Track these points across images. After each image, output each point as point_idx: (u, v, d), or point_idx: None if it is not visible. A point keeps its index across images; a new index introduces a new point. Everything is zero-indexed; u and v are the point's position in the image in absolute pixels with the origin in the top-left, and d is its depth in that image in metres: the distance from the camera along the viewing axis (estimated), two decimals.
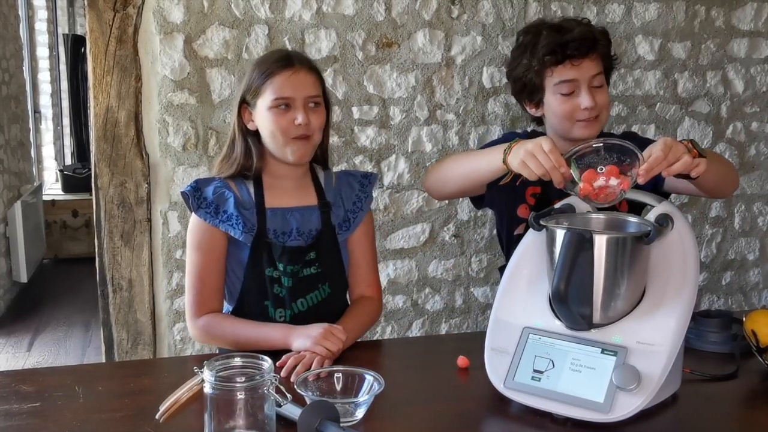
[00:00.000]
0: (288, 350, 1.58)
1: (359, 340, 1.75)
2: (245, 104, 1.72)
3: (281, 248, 1.69)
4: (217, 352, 1.80)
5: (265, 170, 1.74)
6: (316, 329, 1.59)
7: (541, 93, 1.84)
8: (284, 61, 1.69)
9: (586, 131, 1.82)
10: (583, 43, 1.76)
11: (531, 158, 1.46)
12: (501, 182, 1.65)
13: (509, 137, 2.03)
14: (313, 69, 1.72)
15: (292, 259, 1.70)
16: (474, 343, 1.60)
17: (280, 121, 1.66)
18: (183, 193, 1.74)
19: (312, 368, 1.50)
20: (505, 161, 1.56)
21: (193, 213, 1.71)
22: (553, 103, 1.82)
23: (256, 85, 1.68)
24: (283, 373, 1.50)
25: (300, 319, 1.69)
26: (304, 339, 1.57)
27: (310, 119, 1.67)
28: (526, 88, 1.87)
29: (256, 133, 1.72)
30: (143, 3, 2.48)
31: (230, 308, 1.78)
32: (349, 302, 1.85)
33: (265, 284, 1.71)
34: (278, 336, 1.62)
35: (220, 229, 1.68)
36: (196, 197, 1.70)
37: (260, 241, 1.69)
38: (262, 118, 1.69)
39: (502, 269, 2.07)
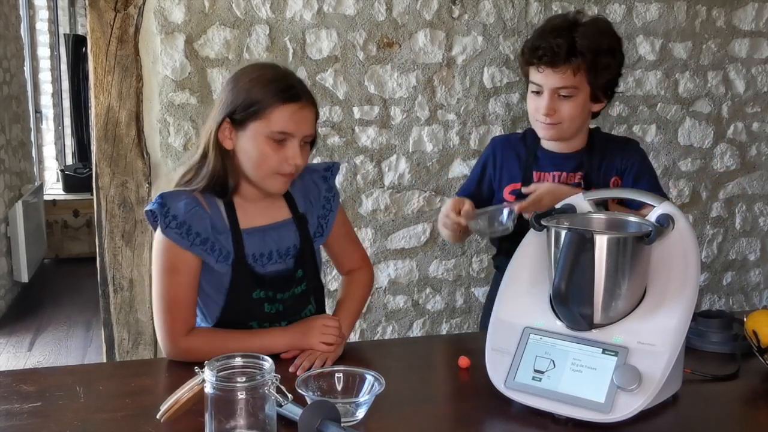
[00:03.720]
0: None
1: (359, 340, 1.75)
2: (228, 120, 1.55)
3: (270, 278, 1.61)
4: None
5: (236, 190, 1.60)
6: (308, 326, 1.59)
7: (526, 81, 1.94)
8: (290, 91, 1.55)
9: (542, 132, 1.92)
10: (550, 54, 1.80)
11: (443, 225, 1.86)
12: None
13: (497, 142, 2.11)
14: (314, 105, 1.61)
15: (284, 286, 1.63)
16: (475, 343, 1.60)
17: (273, 155, 1.53)
18: (148, 212, 1.56)
19: (314, 366, 1.51)
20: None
21: (159, 231, 1.54)
22: (528, 95, 1.93)
23: (255, 108, 1.52)
24: (291, 369, 1.51)
25: None
26: (301, 336, 1.58)
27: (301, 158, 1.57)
28: (522, 71, 1.99)
29: (229, 151, 1.57)
30: (144, 3, 2.48)
31: (205, 326, 1.66)
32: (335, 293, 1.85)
33: (252, 306, 1.61)
34: (276, 342, 1.57)
35: (193, 253, 1.54)
36: (164, 214, 1.53)
37: (240, 269, 1.58)
38: (251, 143, 1.54)
39: (495, 258, 2.10)
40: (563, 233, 1.35)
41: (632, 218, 1.47)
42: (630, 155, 1.96)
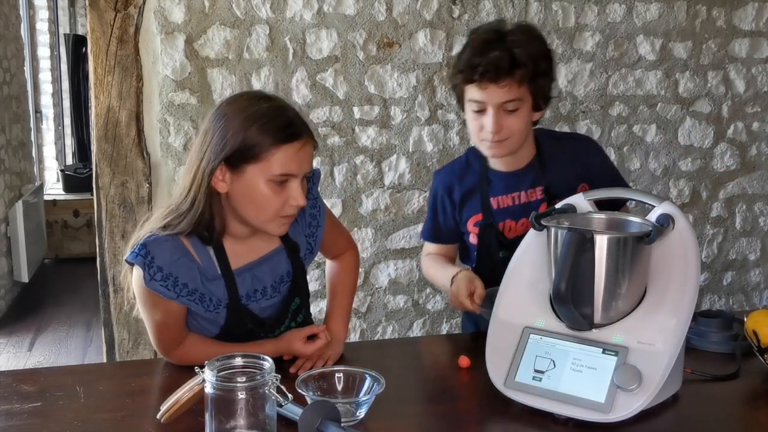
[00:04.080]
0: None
1: (359, 339, 1.75)
2: (224, 164, 1.43)
3: (266, 317, 1.57)
4: None
5: (224, 232, 1.50)
6: (291, 338, 1.56)
7: (462, 101, 1.82)
8: (289, 130, 1.43)
9: (490, 152, 1.81)
10: (493, 69, 1.70)
11: (453, 299, 1.78)
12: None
13: (442, 177, 1.96)
14: (313, 138, 1.49)
15: (279, 322, 1.60)
16: (475, 343, 1.60)
17: (275, 198, 1.44)
18: (129, 261, 1.46)
19: (315, 366, 1.52)
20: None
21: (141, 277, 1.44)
22: (468, 115, 1.82)
23: (255, 152, 1.40)
24: (291, 370, 1.52)
25: None
26: (286, 348, 1.56)
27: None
28: (455, 92, 1.86)
29: (217, 193, 1.46)
30: (144, 3, 2.48)
31: None
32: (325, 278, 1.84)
33: (248, 335, 1.56)
34: (264, 350, 1.49)
35: (179, 303, 1.46)
36: (148, 265, 1.42)
37: (236, 311, 1.52)
38: (249, 187, 1.43)
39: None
40: (563, 233, 1.35)
41: (632, 218, 1.47)
42: (589, 157, 1.90)
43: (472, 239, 1.90)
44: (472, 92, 1.76)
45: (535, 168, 1.86)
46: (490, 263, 1.87)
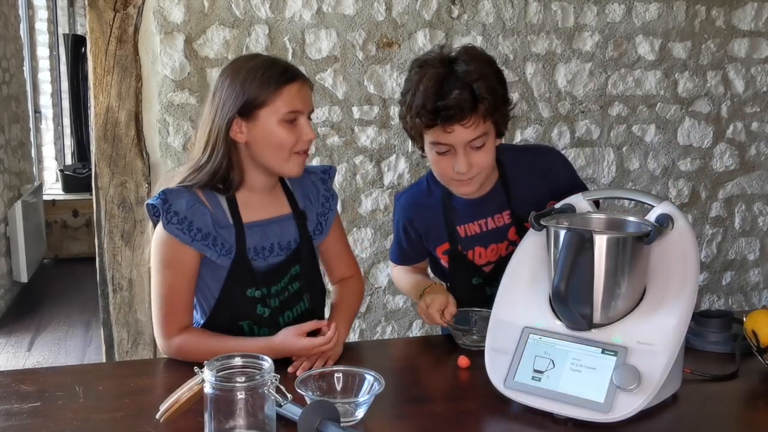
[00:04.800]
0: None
1: (359, 339, 1.75)
2: (238, 117, 1.58)
3: (264, 271, 1.62)
4: None
5: (241, 184, 1.63)
6: (292, 338, 1.54)
7: (419, 141, 1.73)
8: (289, 73, 1.59)
9: (461, 190, 1.74)
10: (457, 111, 1.60)
11: (421, 310, 1.74)
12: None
13: (404, 205, 1.89)
14: (309, 81, 1.64)
15: (276, 278, 1.64)
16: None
17: (290, 135, 1.57)
18: (149, 205, 1.58)
19: (315, 366, 1.51)
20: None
21: (159, 227, 1.56)
22: (430, 158, 1.73)
23: (263, 98, 1.55)
24: (290, 370, 1.51)
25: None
26: (281, 350, 1.53)
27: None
28: (408, 131, 1.75)
29: (235, 146, 1.60)
30: (144, 3, 2.48)
31: (201, 321, 1.67)
32: (328, 297, 1.85)
33: (245, 306, 1.62)
34: (262, 351, 1.51)
35: (194, 248, 1.56)
36: (165, 210, 1.55)
37: (240, 263, 1.60)
38: (266, 130, 1.57)
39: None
40: (563, 233, 1.35)
41: (632, 218, 1.47)
42: (552, 171, 1.82)
43: (444, 263, 1.87)
44: (435, 135, 1.66)
45: (499, 192, 1.80)
46: (464, 287, 1.85)
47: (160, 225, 1.56)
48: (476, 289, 1.84)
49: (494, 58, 1.75)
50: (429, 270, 2.01)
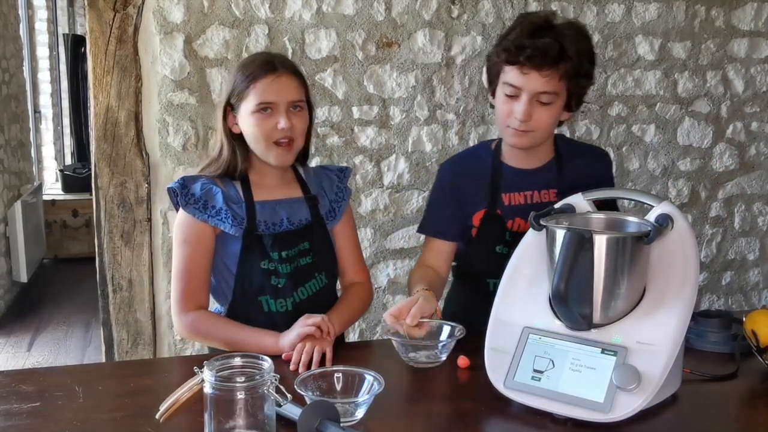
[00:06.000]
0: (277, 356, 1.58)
1: (359, 339, 1.75)
2: (230, 108, 1.72)
3: (273, 237, 1.70)
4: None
5: (250, 170, 1.75)
6: (292, 328, 1.62)
7: (495, 82, 1.77)
8: (267, 65, 1.68)
9: (512, 140, 1.75)
10: (539, 55, 1.64)
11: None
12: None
13: (452, 168, 1.90)
14: (296, 73, 1.72)
15: (285, 245, 1.71)
16: (474, 343, 1.59)
17: (263, 126, 1.67)
18: (170, 189, 1.73)
19: (313, 359, 1.53)
20: None
21: (180, 209, 1.71)
22: (498, 99, 1.76)
23: (239, 90, 1.68)
24: (291, 367, 1.53)
25: (301, 310, 1.69)
26: (288, 333, 1.60)
27: (293, 123, 1.67)
28: (489, 72, 1.80)
29: (240, 136, 1.72)
30: (143, 3, 2.48)
31: (222, 310, 1.76)
32: (338, 293, 1.86)
33: (260, 277, 1.70)
34: (269, 341, 1.61)
35: (209, 223, 1.68)
36: (183, 194, 1.70)
37: (251, 234, 1.69)
38: (245, 122, 1.69)
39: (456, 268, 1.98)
40: (563, 233, 1.35)
41: (632, 218, 1.47)
42: (602, 170, 1.87)
43: (474, 233, 1.85)
44: (511, 75, 1.70)
45: (552, 168, 1.82)
46: (485, 254, 1.82)
47: (181, 210, 1.70)
48: (496, 258, 1.77)
49: (593, 43, 1.80)
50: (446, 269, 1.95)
